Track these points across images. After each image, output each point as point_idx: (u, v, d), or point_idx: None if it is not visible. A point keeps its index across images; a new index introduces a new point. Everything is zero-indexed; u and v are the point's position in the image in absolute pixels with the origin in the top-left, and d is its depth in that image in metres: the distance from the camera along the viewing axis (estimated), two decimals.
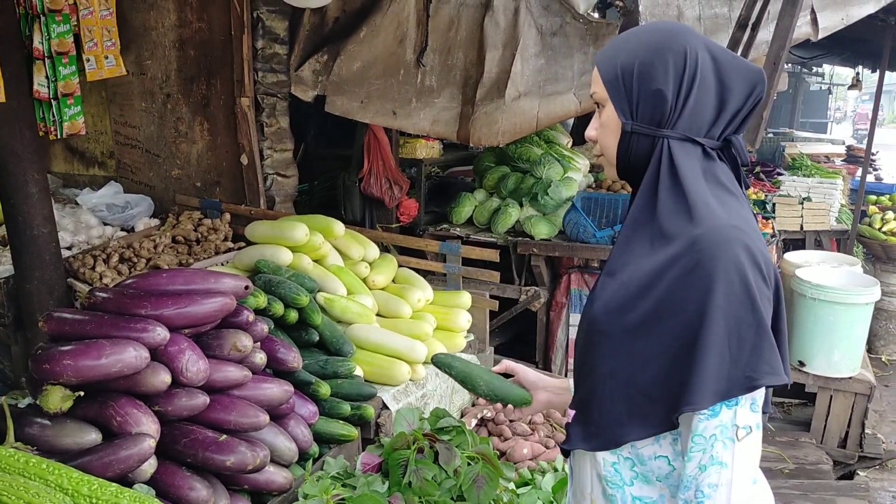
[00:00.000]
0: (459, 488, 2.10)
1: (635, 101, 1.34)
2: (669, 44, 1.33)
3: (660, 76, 1.32)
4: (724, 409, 1.24)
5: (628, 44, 1.36)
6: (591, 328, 1.39)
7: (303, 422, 2.42)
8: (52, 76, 3.46)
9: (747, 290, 1.23)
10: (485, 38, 4.01)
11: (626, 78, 1.34)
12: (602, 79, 1.37)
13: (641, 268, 1.32)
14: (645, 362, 1.30)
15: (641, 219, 1.36)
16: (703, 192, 1.31)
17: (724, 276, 1.22)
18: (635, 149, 1.37)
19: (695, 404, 1.23)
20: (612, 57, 1.37)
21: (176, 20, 4.11)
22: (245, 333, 2.26)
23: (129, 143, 4.49)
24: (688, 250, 1.26)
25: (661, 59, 1.32)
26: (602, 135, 1.41)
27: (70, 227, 3.89)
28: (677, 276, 1.26)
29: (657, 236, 1.32)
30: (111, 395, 2.00)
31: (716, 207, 1.29)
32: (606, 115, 1.38)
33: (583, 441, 1.44)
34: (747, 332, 1.23)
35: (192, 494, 1.95)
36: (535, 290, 4.76)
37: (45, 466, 1.75)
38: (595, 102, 1.41)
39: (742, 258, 1.24)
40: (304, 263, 3.14)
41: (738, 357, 1.22)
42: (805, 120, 17.79)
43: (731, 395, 1.23)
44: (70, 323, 2.11)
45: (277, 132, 4.20)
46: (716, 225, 1.26)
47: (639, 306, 1.30)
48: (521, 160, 5.39)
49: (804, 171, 7.30)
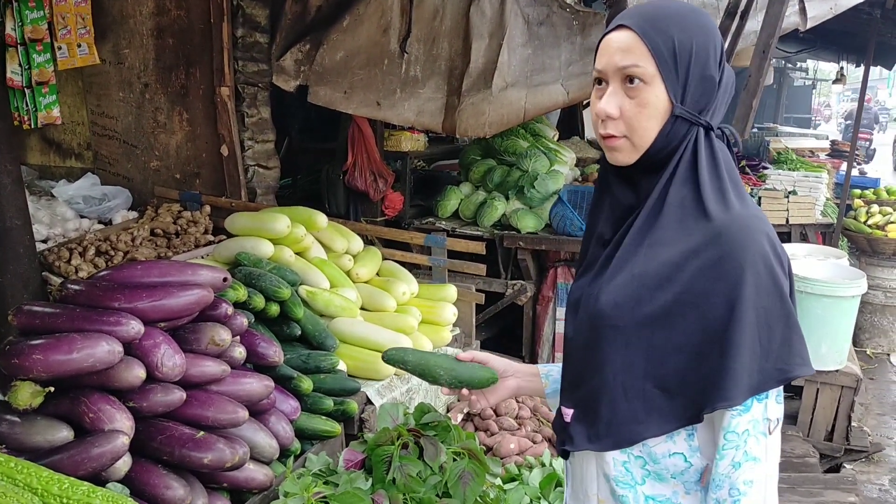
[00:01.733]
0: (445, 485, 2.05)
1: (688, 85, 1.25)
2: (712, 28, 1.27)
3: (712, 61, 1.25)
4: (756, 404, 1.21)
5: (677, 19, 1.25)
6: (599, 323, 1.31)
7: (284, 418, 2.35)
8: (26, 64, 3.36)
9: (775, 281, 1.19)
10: (471, 28, 3.95)
11: (682, 56, 1.23)
12: (652, 53, 1.23)
13: (658, 259, 1.26)
14: (663, 356, 1.25)
15: (652, 209, 1.29)
16: (722, 183, 1.26)
17: (753, 268, 1.18)
18: (674, 135, 1.27)
19: (730, 400, 1.19)
20: (663, 30, 1.24)
21: (154, 8, 4.02)
22: (223, 327, 2.19)
23: (107, 134, 4.39)
24: (713, 241, 1.21)
25: (712, 41, 1.26)
26: (644, 115, 1.26)
27: (45, 220, 3.80)
28: (701, 267, 1.21)
29: (679, 227, 1.26)
30: (83, 391, 1.93)
31: (735, 198, 1.25)
32: (651, 95, 1.24)
33: (589, 441, 1.36)
34: (777, 323, 1.19)
35: (168, 493, 1.89)
36: (521, 284, 4.72)
37: (13, 465, 1.68)
38: (628, 76, 1.25)
39: (767, 249, 1.20)
40: (285, 256, 3.07)
41: (769, 349, 1.19)
42: (789, 115, 17.88)
43: (764, 388, 1.19)
44: (40, 316, 2.03)
45: (258, 123, 4.12)
46: (740, 215, 1.22)
47: (657, 298, 1.25)
48: (507, 153, 5.34)
49: (789, 166, 7.30)
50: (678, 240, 1.25)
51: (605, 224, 1.40)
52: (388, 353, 1.68)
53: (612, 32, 1.28)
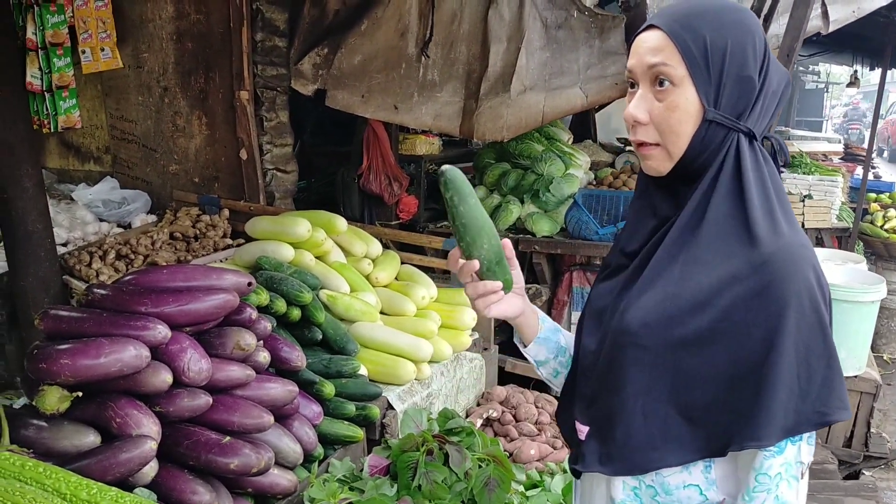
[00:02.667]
0: (471, 491, 2.04)
1: (722, 86, 1.17)
2: (753, 25, 1.19)
3: (750, 62, 1.17)
4: (790, 446, 1.14)
5: (710, 17, 1.17)
6: (624, 340, 1.24)
7: (307, 422, 2.35)
8: (46, 68, 3.38)
9: (819, 318, 1.12)
10: (489, 32, 3.94)
11: (714, 57, 1.16)
12: (681, 53, 1.16)
13: (696, 280, 1.18)
14: (690, 383, 1.18)
15: (690, 223, 1.21)
16: (770, 202, 1.17)
17: (797, 302, 1.10)
18: (709, 141, 1.19)
19: (761, 440, 1.12)
20: (694, 29, 1.16)
21: (173, 12, 4.03)
22: (248, 331, 2.19)
23: (126, 138, 4.41)
24: (757, 270, 1.13)
25: (750, 41, 1.17)
26: (674, 119, 1.19)
27: (65, 224, 3.81)
28: (742, 296, 1.13)
29: (719, 246, 1.18)
30: (110, 396, 1.93)
31: (782, 221, 1.16)
32: (681, 97, 1.18)
33: (601, 463, 1.30)
34: (818, 362, 1.12)
35: (194, 498, 1.88)
36: (536, 288, 4.71)
37: (41, 470, 1.68)
38: (658, 77, 1.19)
39: (813, 282, 1.12)
40: (306, 260, 3.07)
41: (808, 390, 1.11)
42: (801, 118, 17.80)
43: (800, 430, 1.12)
44: (67, 321, 2.03)
45: (277, 126, 4.13)
46: (788, 244, 1.14)
47: (689, 322, 1.17)
48: (521, 157, 5.32)
49: (804, 169, 7.26)
50: (718, 261, 1.17)
51: (637, 232, 1.33)
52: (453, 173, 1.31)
53: (642, 32, 1.23)
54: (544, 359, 1.53)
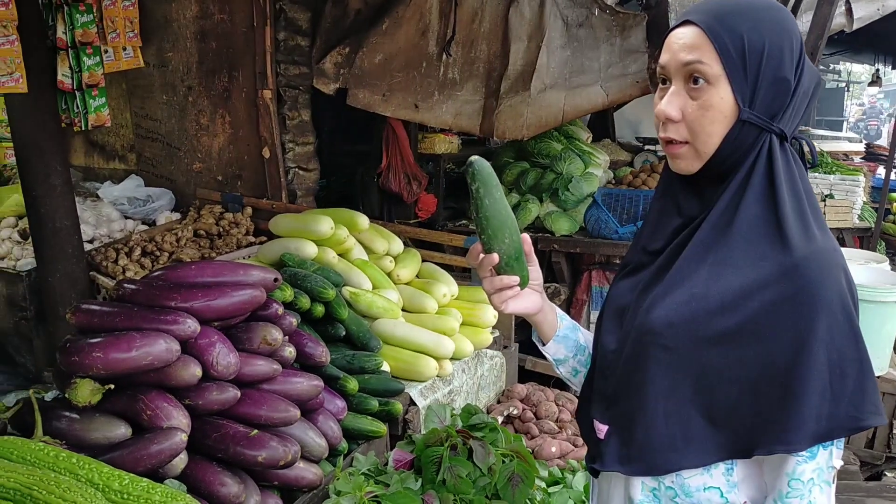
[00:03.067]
0: (494, 486, 2.06)
1: (758, 87, 1.16)
2: (791, 25, 1.18)
3: (787, 62, 1.15)
4: (822, 451, 1.14)
5: (749, 15, 1.15)
6: (648, 339, 1.23)
7: (332, 417, 2.37)
8: (76, 67, 3.43)
9: (851, 323, 1.11)
10: (509, 30, 3.96)
11: (752, 56, 1.14)
12: (718, 52, 1.14)
13: (724, 282, 1.17)
14: (714, 385, 1.18)
15: (719, 224, 1.20)
16: (802, 205, 1.17)
17: (829, 308, 1.10)
18: (741, 141, 1.18)
19: (792, 445, 1.12)
20: (732, 27, 1.14)
21: (197, 11, 4.08)
22: (275, 326, 2.22)
23: (150, 137, 4.46)
24: (789, 274, 1.12)
25: (787, 41, 1.16)
26: (707, 118, 1.18)
27: (91, 221, 3.87)
28: (772, 300, 1.12)
29: (749, 249, 1.17)
30: (141, 389, 1.96)
31: (813, 225, 1.16)
32: (716, 96, 1.16)
33: (620, 463, 1.29)
34: (851, 367, 1.11)
35: (223, 490, 1.91)
36: (555, 287, 4.71)
37: (75, 461, 1.71)
38: (692, 74, 1.17)
39: (844, 287, 1.12)
40: (328, 257, 3.10)
41: (840, 395, 1.11)
42: (821, 118, 17.63)
43: (833, 436, 1.12)
44: (99, 315, 2.07)
45: (299, 125, 4.16)
46: (820, 248, 1.13)
47: (716, 324, 1.16)
48: (540, 155, 5.32)
49: (825, 169, 7.20)
50: (748, 264, 1.16)
51: (659, 231, 1.32)
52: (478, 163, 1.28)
53: (677, 28, 1.20)
54: (563, 357, 1.53)
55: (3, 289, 3.53)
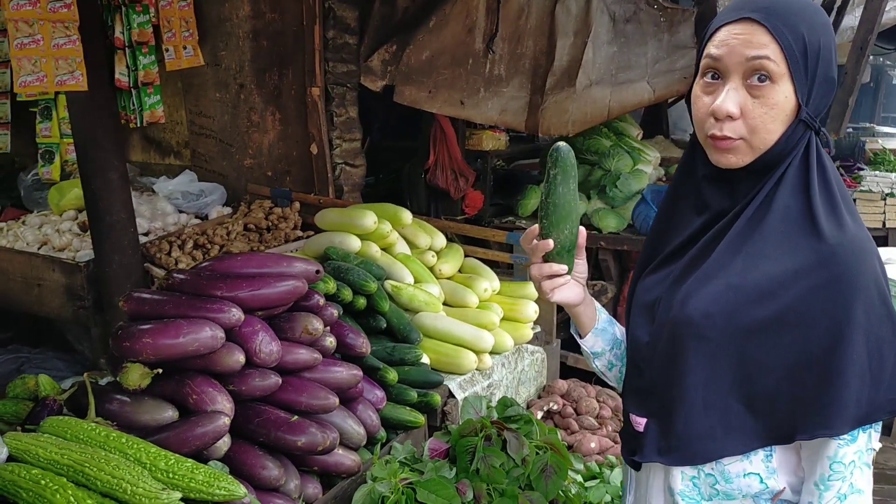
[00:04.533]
0: (527, 477, 2.08)
1: (815, 86, 1.18)
2: (830, 27, 1.22)
3: (833, 63, 1.19)
4: (861, 434, 1.17)
5: (806, 15, 1.16)
6: (685, 331, 1.25)
7: (371, 406, 2.42)
8: (133, 66, 3.56)
9: (888, 308, 1.14)
10: (555, 26, 3.95)
11: (812, 56, 1.16)
12: (783, 49, 1.14)
13: (760, 272, 1.19)
14: (754, 374, 1.20)
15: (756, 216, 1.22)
16: (835, 196, 1.19)
17: (865, 293, 1.12)
18: (793, 138, 1.19)
19: (833, 429, 1.14)
20: (793, 26, 1.15)
21: (250, 11, 4.18)
22: (316, 317, 2.27)
23: (204, 133, 4.59)
24: (824, 262, 1.14)
25: (833, 42, 1.19)
26: (768, 116, 1.17)
27: (147, 214, 4.01)
28: (810, 288, 1.15)
29: (784, 240, 1.19)
30: (188, 374, 2.03)
31: (846, 216, 1.18)
32: (780, 95, 1.16)
33: (660, 454, 1.32)
34: (889, 351, 1.14)
35: (264, 473, 1.97)
36: (602, 285, 4.68)
37: (124, 441, 1.79)
38: (757, 71, 1.16)
39: (880, 274, 1.15)
40: (371, 251, 3.15)
41: (879, 378, 1.13)
42: (887, 115, 17.03)
43: (874, 419, 1.14)
44: (149, 303, 2.15)
45: (347, 122, 4.23)
46: (854, 237, 1.15)
47: (754, 313, 1.18)
48: (589, 152, 5.29)
49: (887, 167, 6.98)
50: (783, 254, 1.18)
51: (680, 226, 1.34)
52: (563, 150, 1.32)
53: (733, 23, 1.19)
54: (600, 350, 1.55)
55: (62, 279, 3.68)
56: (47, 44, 2.99)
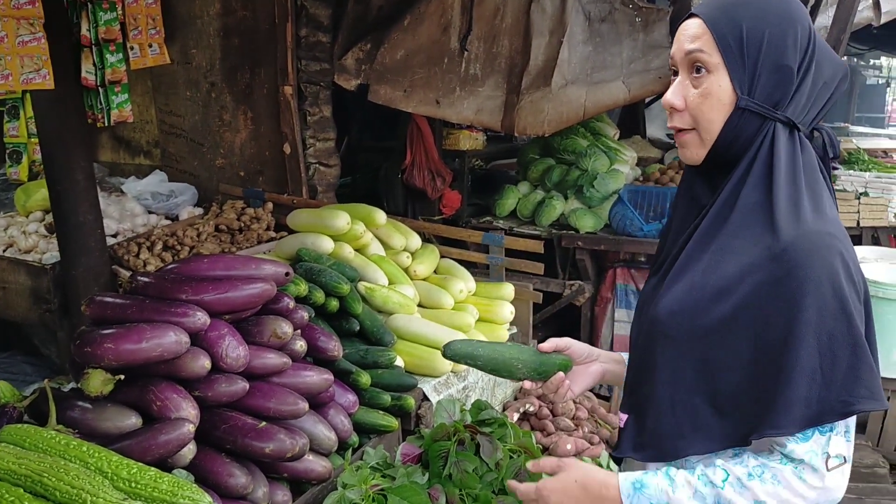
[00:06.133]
0: (501, 481, 2.04)
1: (757, 75, 1.18)
2: (797, 14, 1.20)
3: (790, 50, 1.18)
4: (817, 435, 1.14)
5: (752, 6, 1.19)
6: (654, 329, 1.28)
7: (342, 411, 2.38)
8: (100, 64, 3.48)
9: (842, 305, 1.11)
10: (531, 26, 3.93)
11: (750, 45, 1.18)
12: (716, 41, 1.19)
13: (720, 269, 1.20)
14: (715, 373, 1.20)
15: (721, 213, 1.23)
16: (798, 191, 1.17)
17: (817, 290, 1.11)
18: (742, 129, 1.21)
19: (780, 428, 1.13)
20: (732, 18, 1.19)
21: (220, 9, 4.12)
22: (285, 320, 2.23)
23: (174, 133, 4.52)
24: (777, 257, 1.14)
25: (791, 30, 1.18)
26: (705, 106, 1.22)
27: (115, 215, 3.93)
28: (762, 284, 1.15)
29: (744, 236, 1.19)
30: (151, 380, 1.99)
31: (808, 210, 1.16)
32: (714, 84, 1.20)
33: (633, 449, 1.34)
34: (842, 350, 1.11)
35: (230, 481, 1.93)
36: (579, 285, 4.67)
37: (85, 449, 1.74)
38: (694, 64, 1.22)
39: (838, 269, 1.12)
40: (345, 252, 3.11)
41: (831, 378, 1.11)
42: (861, 115, 17.25)
43: (824, 420, 1.12)
44: (112, 307, 2.10)
45: (320, 121, 4.18)
46: (810, 230, 1.14)
47: (712, 312, 1.19)
48: (566, 152, 5.29)
49: (861, 166, 7.04)
50: (744, 250, 1.18)
51: (679, 226, 1.35)
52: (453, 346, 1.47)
53: (685, 20, 1.27)
54: None
55: (28, 282, 3.60)
56: (12, 41, 2.91)
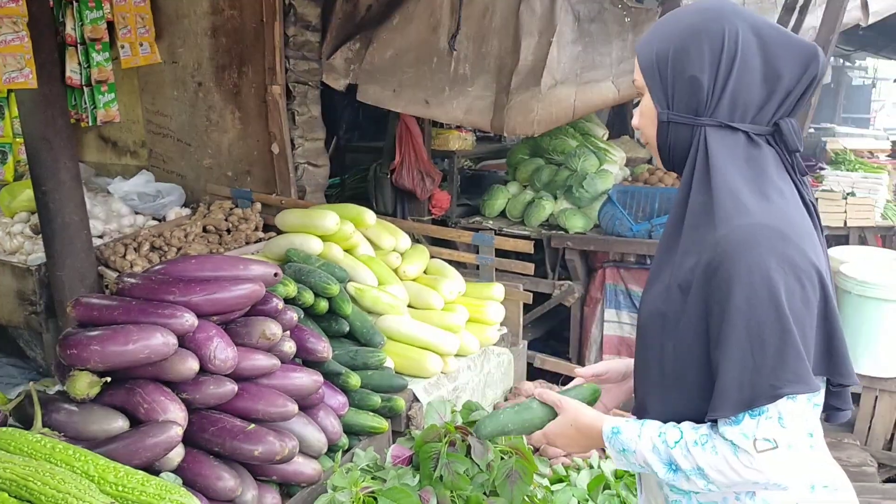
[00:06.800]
0: (492, 483, 2.04)
1: (670, 89, 1.30)
2: (707, 25, 1.28)
3: (695, 62, 1.27)
4: (747, 418, 1.20)
5: (665, 28, 1.33)
6: (641, 332, 1.38)
7: (332, 413, 2.37)
8: (85, 63, 3.45)
9: (771, 293, 1.16)
10: (520, 25, 3.92)
11: (661, 65, 1.31)
12: (640, 66, 1.34)
13: (681, 267, 1.28)
14: (687, 365, 1.28)
15: (679, 215, 1.32)
16: (735, 187, 1.24)
17: (746, 279, 1.17)
18: (674, 139, 1.32)
19: (717, 411, 1.21)
20: (649, 43, 1.33)
21: (208, 8, 4.09)
22: (274, 321, 2.22)
23: (161, 133, 4.48)
24: (712, 251, 1.21)
25: (695, 43, 1.27)
26: (643, 124, 1.37)
27: (101, 216, 3.89)
28: (704, 276, 1.23)
29: (692, 234, 1.28)
30: (138, 382, 1.97)
31: (747, 203, 1.22)
32: (647, 104, 1.35)
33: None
34: (771, 337, 1.17)
35: (219, 484, 1.91)
36: (568, 285, 4.66)
37: (71, 453, 1.72)
38: (637, 90, 1.38)
39: (767, 259, 1.17)
40: (334, 253, 3.09)
41: (761, 364, 1.17)
42: (847, 115, 17.36)
43: (756, 404, 1.18)
44: (98, 308, 2.08)
45: (309, 121, 4.16)
46: (744, 223, 1.20)
47: (678, 308, 1.27)
48: (555, 152, 5.28)
49: (847, 167, 7.08)
50: (696, 247, 1.26)
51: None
52: (483, 427, 1.53)
53: None
54: None
55: (14, 283, 3.56)
56: None
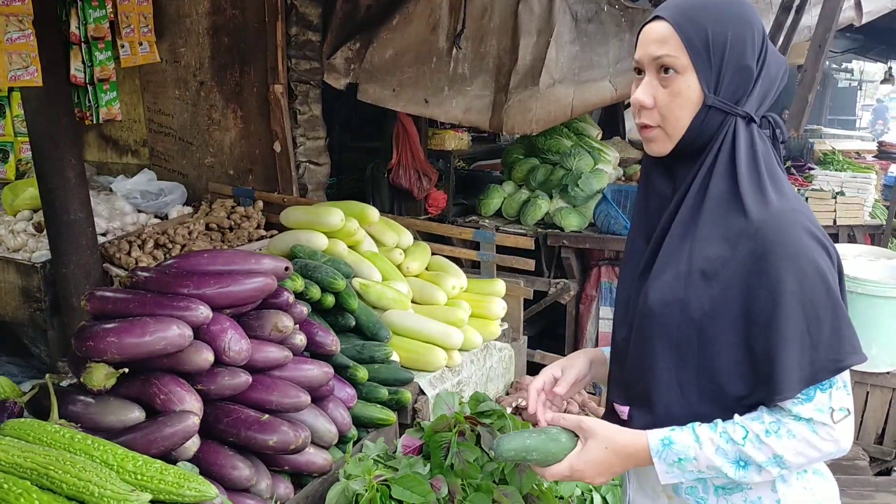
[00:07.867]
0: (502, 472, 2.07)
1: (722, 75, 1.27)
2: (752, 17, 1.29)
3: (749, 51, 1.27)
4: (819, 393, 1.24)
5: (713, 10, 1.27)
6: (649, 322, 1.34)
7: (342, 404, 2.40)
8: (89, 61, 3.47)
9: (819, 273, 1.21)
10: (519, 25, 3.97)
11: (716, 48, 1.26)
12: (684, 44, 1.26)
13: (703, 256, 1.28)
14: (714, 352, 1.28)
15: (695, 203, 1.31)
16: (763, 176, 1.27)
17: (794, 262, 1.20)
18: (708, 124, 1.29)
19: (783, 393, 1.22)
20: (697, 22, 1.26)
21: (210, 7, 4.12)
22: (286, 314, 2.24)
23: (163, 131, 4.50)
24: (752, 238, 1.23)
25: (749, 32, 1.28)
26: (673, 105, 1.29)
27: (105, 214, 3.91)
28: (744, 263, 1.24)
29: (719, 223, 1.28)
30: (154, 374, 1.99)
31: (774, 191, 1.26)
32: (683, 85, 1.27)
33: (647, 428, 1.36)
34: (825, 314, 1.21)
35: (234, 473, 1.94)
36: (564, 283, 4.71)
37: (90, 442, 1.74)
38: (662, 66, 1.29)
39: (809, 241, 1.22)
40: (339, 249, 3.13)
41: (819, 341, 1.21)
42: (833, 117, 17.52)
43: (818, 378, 1.22)
44: (113, 301, 2.10)
45: (310, 120, 4.19)
46: (777, 210, 1.23)
47: (703, 296, 1.27)
48: (550, 152, 5.34)
49: (836, 167, 7.18)
50: (719, 235, 1.27)
51: (646, 219, 1.43)
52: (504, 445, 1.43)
53: (649, 23, 1.32)
54: None
55: (18, 280, 3.57)
56: (0, 38, 2.90)
